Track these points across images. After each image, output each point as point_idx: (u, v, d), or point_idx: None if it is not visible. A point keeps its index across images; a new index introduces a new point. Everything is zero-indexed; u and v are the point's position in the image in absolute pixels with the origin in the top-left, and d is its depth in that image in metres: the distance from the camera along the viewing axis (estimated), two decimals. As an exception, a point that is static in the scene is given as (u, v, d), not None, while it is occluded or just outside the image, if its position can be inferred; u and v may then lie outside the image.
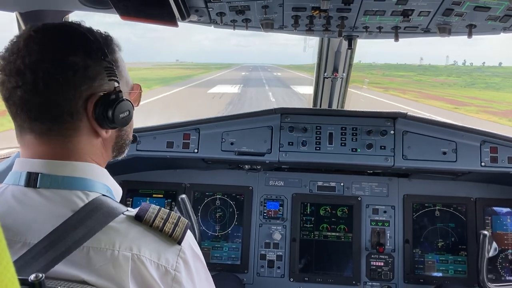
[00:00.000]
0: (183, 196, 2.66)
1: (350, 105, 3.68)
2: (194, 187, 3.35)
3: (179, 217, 1.27)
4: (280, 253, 3.24)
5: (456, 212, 3.22)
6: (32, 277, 0.95)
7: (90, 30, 1.33)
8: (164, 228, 1.22)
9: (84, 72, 1.23)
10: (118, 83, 1.34)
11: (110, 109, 1.29)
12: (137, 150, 3.04)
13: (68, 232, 1.13)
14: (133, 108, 1.42)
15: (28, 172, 1.22)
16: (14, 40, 1.25)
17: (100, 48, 1.30)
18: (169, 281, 1.18)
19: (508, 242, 3.15)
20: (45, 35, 1.25)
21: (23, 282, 0.93)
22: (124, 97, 1.34)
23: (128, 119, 1.39)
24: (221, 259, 3.28)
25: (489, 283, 2.73)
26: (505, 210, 3.21)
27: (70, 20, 1.36)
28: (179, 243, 1.23)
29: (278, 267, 3.22)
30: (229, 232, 3.30)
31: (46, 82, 1.19)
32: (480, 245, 2.74)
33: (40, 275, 0.95)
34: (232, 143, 3.03)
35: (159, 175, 3.38)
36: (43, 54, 1.20)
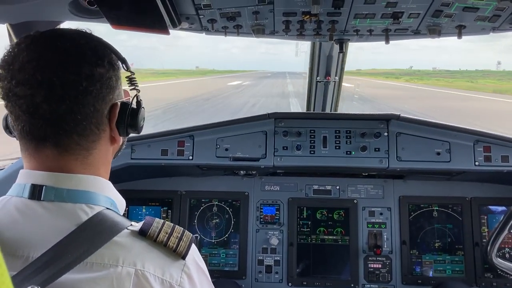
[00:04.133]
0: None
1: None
2: (190, 194, 3.34)
3: (184, 231, 1.26)
4: (278, 258, 3.23)
5: (452, 212, 3.23)
6: None
7: (102, 39, 1.33)
8: (169, 242, 1.20)
9: (108, 83, 1.25)
10: (139, 91, 1.41)
11: (134, 117, 1.35)
12: (131, 158, 3.03)
13: (71, 246, 1.11)
14: None
15: (32, 184, 1.20)
16: (31, 47, 1.20)
17: (120, 58, 1.34)
18: None
19: (504, 241, 3.16)
20: (69, 46, 1.22)
21: None
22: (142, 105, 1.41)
23: (143, 125, 1.45)
24: (219, 265, 3.26)
25: (498, 258, 2.68)
26: (500, 208, 3.22)
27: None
28: (184, 257, 1.22)
29: (276, 272, 3.21)
30: (226, 238, 3.29)
31: (76, 96, 1.18)
32: (504, 220, 2.64)
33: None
34: (226, 149, 3.03)
35: (155, 183, 3.37)
36: (72, 67, 1.18)
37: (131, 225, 1.22)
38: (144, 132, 1.61)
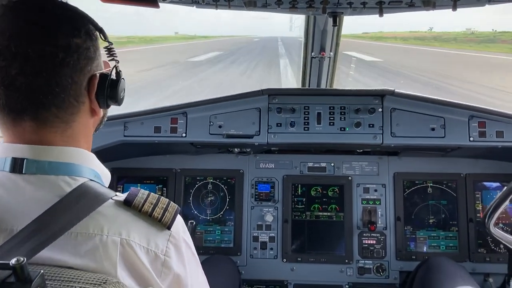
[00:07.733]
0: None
1: None
2: (184, 172, 3.35)
3: (169, 202, 1.26)
4: (273, 235, 3.25)
5: (447, 188, 3.24)
6: (13, 261, 0.93)
7: (78, 9, 1.29)
8: (154, 213, 1.20)
9: (86, 53, 1.22)
10: (118, 62, 1.37)
11: (114, 88, 1.32)
12: (124, 136, 3.01)
13: (54, 217, 1.10)
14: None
15: (13, 157, 1.18)
16: (3, 17, 1.16)
17: (98, 28, 1.30)
18: (158, 266, 1.18)
19: (498, 216, 3.17)
20: (45, 16, 1.19)
21: (4, 266, 0.91)
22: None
23: (124, 97, 1.42)
24: (214, 242, 3.29)
25: (496, 228, 2.69)
26: (494, 184, 3.23)
27: None
28: (169, 228, 1.22)
29: (271, 249, 3.23)
30: (221, 215, 3.31)
31: (53, 67, 1.15)
32: (507, 191, 2.63)
33: (22, 259, 0.93)
34: (220, 126, 3.01)
35: (149, 161, 3.37)
36: (47, 38, 1.15)
37: (116, 195, 1.22)
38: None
